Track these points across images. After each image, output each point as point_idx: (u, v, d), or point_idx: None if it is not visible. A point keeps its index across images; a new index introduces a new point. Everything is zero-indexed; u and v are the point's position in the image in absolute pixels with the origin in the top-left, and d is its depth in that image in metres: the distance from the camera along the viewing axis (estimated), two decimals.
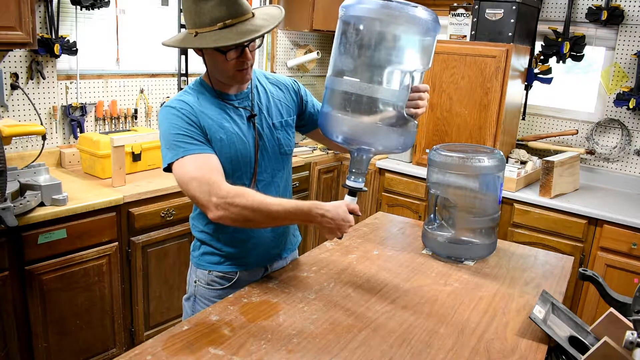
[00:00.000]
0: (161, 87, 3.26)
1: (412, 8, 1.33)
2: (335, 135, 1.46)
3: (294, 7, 3.85)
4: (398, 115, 1.40)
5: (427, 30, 1.37)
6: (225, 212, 1.36)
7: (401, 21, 1.34)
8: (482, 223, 1.81)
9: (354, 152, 1.47)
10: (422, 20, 1.34)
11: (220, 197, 1.35)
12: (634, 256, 2.71)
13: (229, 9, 1.37)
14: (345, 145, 1.47)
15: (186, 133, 1.42)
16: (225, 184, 1.39)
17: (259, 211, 1.37)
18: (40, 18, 2.62)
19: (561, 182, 3.02)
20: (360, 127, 1.40)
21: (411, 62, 1.40)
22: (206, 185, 1.36)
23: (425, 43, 1.40)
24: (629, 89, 3.12)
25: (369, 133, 1.40)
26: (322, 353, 1.23)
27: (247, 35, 1.37)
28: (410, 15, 1.33)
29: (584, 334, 1.38)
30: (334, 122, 1.44)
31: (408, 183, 3.44)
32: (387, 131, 1.40)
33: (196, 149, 1.41)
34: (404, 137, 1.43)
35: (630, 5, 3.15)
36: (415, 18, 1.34)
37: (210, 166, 1.41)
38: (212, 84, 1.53)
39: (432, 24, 1.37)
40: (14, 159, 2.55)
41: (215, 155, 1.45)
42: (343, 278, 1.63)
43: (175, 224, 2.67)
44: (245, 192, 1.38)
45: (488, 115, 3.16)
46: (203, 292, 1.62)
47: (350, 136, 1.43)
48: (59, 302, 2.25)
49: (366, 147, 1.44)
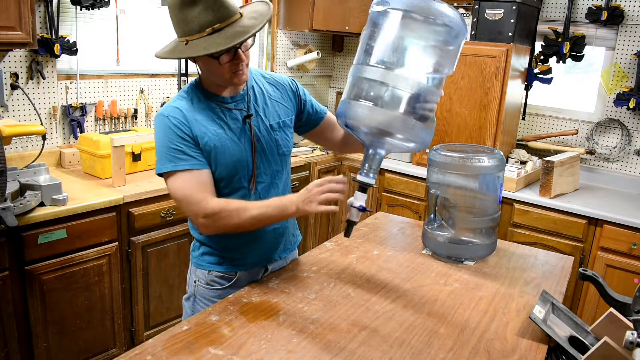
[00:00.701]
0: (161, 87, 3.26)
1: (451, 9, 1.37)
2: (355, 124, 1.42)
3: (294, 7, 3.85)
4: (422, 113, 1.40)
5: (461, 35, 1.42)
6: (214, 228, 1.46)
7: (443, 20, 1.36)
8: (482, 223, 1.81)
9: (368, 149, 1.45)
10: (458, 24, 1.38)
11: (206, 216, 1.43)
12: (634, 256, 2.71)
13: (216, 13, 1.36)
14: (364, 137, 1.44)
15: (177, 147, 1.44)
16: (212, 200, 1.44)
17: (244, 218, 1.43)
18: (40, 18, 2.62)
19: (561, 182, 3.02)
20: (384, 116, 1.37)
21: (443, 63, 1.42)
22: (194, 205, 1.44)
23: (457, 46, 1.44)
24: (629, 89, 3.12)
25: (391, 123, 1.37)
26: (322, 353, 1.23)
27: (237, 37, 1.36)
28: (449, 16, 1.37)
29: (584, 334, 1.38)
30: (357, 109, 1.40)
31: (408, 183, 3.44)
32: (410, 123, 1.37)
33: (185, 165, 1.44)
34: (425, 133, 1.41)
35: (630, 5, 3.15)
36: (453, 20, 1.37)
37: (198, 183, 1.45)
38: (207, 87, 1.52)
39: (464, 29, 1.41)
40: (14, 159, 2.55)
41: (206, 169, 1.47)
42: (343, 278, 1.63)
43: (175, 224, 2.67)
44: (229, 204, 1.44)
45: (488, 115, 3.16)
46: (203, 292, 1.62)
47: (372, 124, 1.39)
48: (59, 302, 2.25)
49: (385, 138, 1.40)
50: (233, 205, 1.44)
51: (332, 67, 4.52)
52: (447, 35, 1.39)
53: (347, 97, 1.43)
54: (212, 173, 1.49)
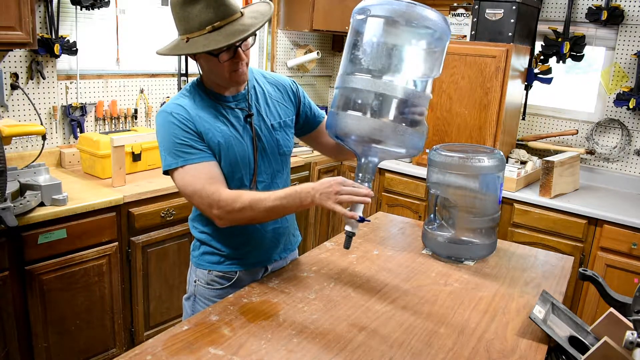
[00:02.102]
0: (161, 87, 3.26)
1: (433, 12, 1.36)
2: (346, 135, 1.41)
3: (294, 7, 3.85)
4: (412, 118, 1.40)
5: (445, 37, 1.42)
6: (228, 220, 1.44)
7: (425, 24, 1.36)
8: (482, 223, 1.81)
9: (361, 158, 1.44)
10: (441, 27, 1.38)
11: (220, 207, 1.41)
12: (634, 256, 2.71)
13: (216, 11, 1.37)
14: (354, 146, 1.44)
15: (184, 142, 1.43)
16: (224, 191, 1.43)
17: (257, 209, 1.41)
18: (40, 18, 2.62)
19: (561, 182, 3.02)
20: (374, 124, 1.37)
21: (428, 66, 1.42)
22: (206, 198, 1.42)
23: (442, 48, 1.43)
24: (629, 89, 3.12)
25: (382, 131, 1.37)
26: (322, 353, 1.23)
27: (236, 36, 1.37)
28: (432, 19, 1.36)
29: (584, 334, 1.38)
30: (347, 120, 1.39)
31: (408, 183, 3.44)
32: (401, 130, 1.37)
33: (195, 158, 1.43)
34: (417, 138, 1.41)
35: (630, 5, 3.15)
36: (436, 23, 1.37)
37: (209, 175, 1.44)
38: (208, 86, 1.53)
39: (447, 31, 1.41)
40: (14, 159, 2.55)
41: (214, 161, 1.46)
42: (343, 278, 1.63)
43: (175, 224, 2.67)
44: (242, 195, 1.42)
45: (488, 115, 3.16)
46: (203, 291, 1.62)
47: (362, 134, 1.38)
48: (59, 302, 2.25)
49: (376, 146, 1.40)
50: (246, 197, 1.42)
51: (332, 67, 4.52)
52: (430, 38, 1.39)
53: (335, 108, 1.43)
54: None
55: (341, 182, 1.39)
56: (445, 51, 1.45)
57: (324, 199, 1.38)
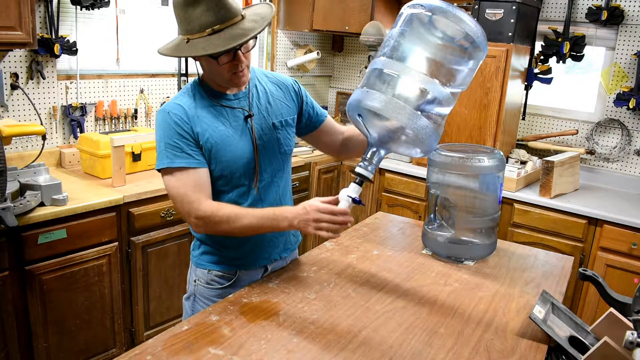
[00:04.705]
0: (161, 87, 3.26)
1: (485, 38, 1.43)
2: (368, 114, 1.38)
3: (294, 7, 3.85)
4: (435, 119, 1.41)
5: (482, 58, 1.48)
6: (204, 230, 1.48)
7: (480, 47, 1.42)
8: (482, 223, 1.81)
9: (372, 145, 1.42)
10: (485, 52, 1.45)
11: (197, 217, 1.44)
12: (634, 256, 2.71)
13: (217, 14, 1.37)
14: (372, 128, 1.41)
15: (176, 144, 1.44)
16: (205, 202, 1.44)
17: (234, 225, 1.44)
18: (40, 18, 2.62)
19: (561, 182, 3.02)
20: (401, 110, 1.35)
21: (465, 79, 1.45)
22: (186, 204, 1.44)
23: (477, 67, 1.49)
24: (629, 89, 3.12)
25: (407, 117, 1.35)
26: (322, 353, 1.23)
27: (236, 40, 1.37)
28: (485, 45, 1.43)
29: (584, 334, 1.38)
30: (376, 97, 1.36)
31: (408, 183, 3.44)
32: (423, 123, 1.36)
33: (182, 162, 1.44)
34: (433, 137, 1.40)
35: (630, 5, 3.15)
36: (485, 47, 1.44)
37: (195, 183, 1.45)
38: (209, 85, 1.53)
39: (485, 46, 1.46)
40: (14, 159, 2.55)
41: (203, 168, 1.47)
42: (343, 278, 1.63)
43: (175, 224, 2.67)
44: (221, 209, 1.44)
45: (488, 115, 3.16)
46: (203, 291, 1.63)
47: (390, 115, 1.36)
48: (59, 302, 2.25)
49: (393, 135, 1.39)
50: (225, 211, 1.44)
51: (332, 67, 4.52)
52: (477, 59, 1.44)
53: (366, 85, 1.40)
54: (211, 171, 1.50)
55: (319, 209, 1.39)
56: (478, 67, 1.50)
57: (302, 226, 1.41)
